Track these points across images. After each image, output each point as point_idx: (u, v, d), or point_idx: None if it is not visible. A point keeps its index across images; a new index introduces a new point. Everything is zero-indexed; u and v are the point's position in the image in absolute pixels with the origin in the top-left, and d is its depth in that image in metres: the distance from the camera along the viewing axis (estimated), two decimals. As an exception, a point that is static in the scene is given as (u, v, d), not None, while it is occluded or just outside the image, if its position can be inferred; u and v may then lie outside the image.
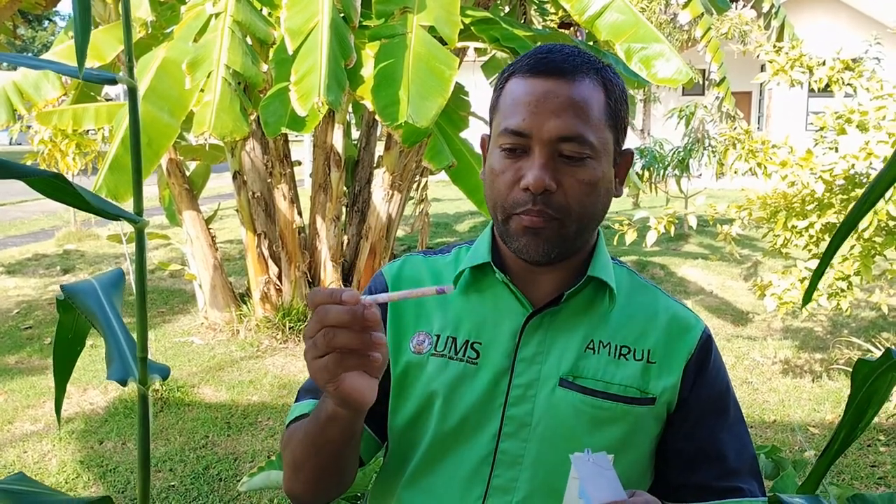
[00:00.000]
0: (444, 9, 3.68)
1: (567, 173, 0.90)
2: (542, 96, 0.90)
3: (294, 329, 5.28)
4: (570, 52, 0.93)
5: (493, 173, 0.94)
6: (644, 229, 4.53)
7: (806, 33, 6.32)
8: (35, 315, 6.14)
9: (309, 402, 1.01)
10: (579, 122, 0.89)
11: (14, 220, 12.02)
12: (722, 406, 1.01)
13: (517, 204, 0.91)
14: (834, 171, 3.88)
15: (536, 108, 0.89)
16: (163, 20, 4.38)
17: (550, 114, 0.89)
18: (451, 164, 3.81)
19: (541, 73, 0.91)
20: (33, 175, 0.75)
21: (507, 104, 0.93)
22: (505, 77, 0.96)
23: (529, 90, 0.91)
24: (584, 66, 0.92)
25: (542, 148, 0.89)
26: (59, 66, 0.85)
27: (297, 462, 0.94)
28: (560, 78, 0.90)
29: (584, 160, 0.90)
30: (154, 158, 3.85)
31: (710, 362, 1.00)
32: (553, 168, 0.89)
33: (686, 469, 0.99)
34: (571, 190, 0.90)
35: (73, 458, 3.56)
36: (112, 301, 1.02)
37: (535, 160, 0.89)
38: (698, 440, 0.98)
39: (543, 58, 0.92)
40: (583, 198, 0.91)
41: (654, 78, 4.04)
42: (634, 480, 0.97)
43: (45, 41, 36.27)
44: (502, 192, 0.92)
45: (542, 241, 0.91)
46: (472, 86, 5.48)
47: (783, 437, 3.74)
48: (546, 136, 0.89)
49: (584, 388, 0.95)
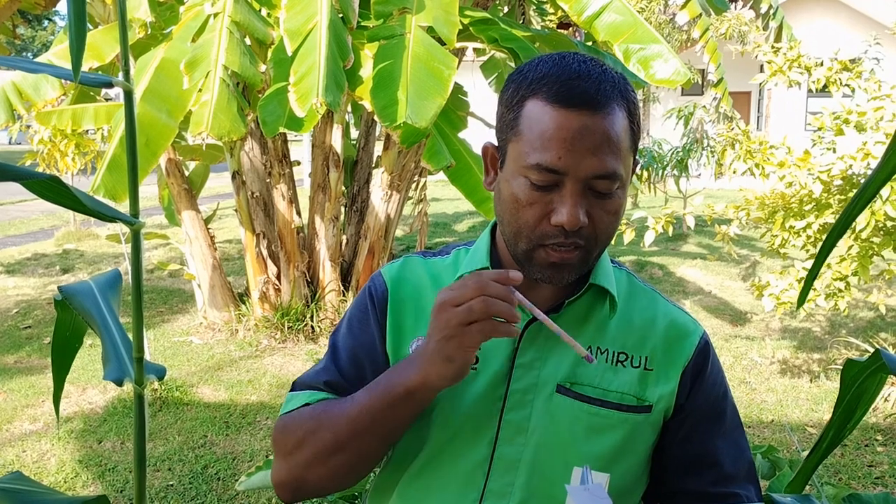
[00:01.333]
0: (442, 9, 3.68)
1: (597, 206, 0.89)
2: (578, 133, 0.86)
3: (293, 329, 5.28)
4: (600, 79, 0.88)
5: (517, 201, 0.90)
6: (642, 229, 4.54)
7: (804, 34, 6.33)
8: (34, 315, 6.14)
9: (311, 392, 0.99)
10: (613, 158, 0.87)
11: (13, 219, 12.02)
12: (719, 412, 1.01)
13: (546, 236, 0.89)
14: (832, 172, 3.89)
15: (573, 145, 0.86)
16: (162, 20, 4.38)
17: (587, 152, 0.86)
18: (450, 164, 3.81)
19: (573, 105, 0.86)
20: (29, 177, 0.75)
21: (535, 134, 0.88)
22: (523, 95, 0.90)
23: (563, 124, 0.86)
24: (613, 95, 0.88)
25: (577, 185, 0.87)
26: (56, 70, 0.85)
27: (337, 444, 0.91)
28: (594, 111, 0.86)
29: (614, 192, 0.90)
30: (152, 158, 3.86)
31: (707, 369, 1.00)
32: (585, 204, 0.88)
33: (683, 475, 0.99)
34: (601, 222, 0.90)
35: (71, 457, 3.56)
36: (109, 302, 1.03)
37: (568, 197, 0.87)
38: (695, 446, 0.99)
39: (575, 86, 0.87)
40: (609, 226, 0.91)
41: (653, 78, 4.04)
42: (629, 487, 0.98)
43: (45, 41, 36.24)
44: (530, 224, 0.90)
45: (566, 273, 0.92)
46: (470, 86, 5.49)
47: (780, 437, 3.74)
48: (583, 174, 0.87)
49: (582, 396, 0.95)
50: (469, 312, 0.81)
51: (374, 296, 1.03)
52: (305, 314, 5.33)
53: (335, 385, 0.99)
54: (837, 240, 0.64)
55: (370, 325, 1.01)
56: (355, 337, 1.02)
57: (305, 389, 1.01)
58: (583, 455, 0.94)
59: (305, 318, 5.32)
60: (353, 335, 1.02)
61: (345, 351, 1.02)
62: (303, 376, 1.04)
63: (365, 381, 0.96)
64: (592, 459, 0.94)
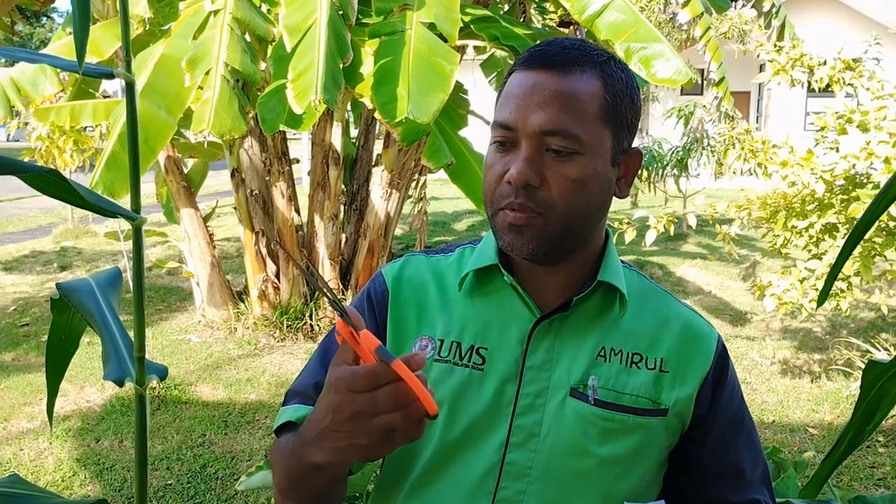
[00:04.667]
0: (443, 6, 3.67)
1: (553, 168, 0.87)
2: (530, 89, 0.87)
3: (291, 327, 5.27)
4: (569, 46, 0.90)
5: (485, 167, 0.92)
6: (643, 228, 4.52)
7: (805, 33, 6.30)
8: (32, 312, 6.12)
9: (297, 407, 0.96)
10: (565, 116, 0.86)
11: (11, 216, 11.98)
12: (740, 418, 0.99)
13: (502, 197, 0.89)
14: (835, 172, 3.87)
15: (523, 100, 0.87)
16: (161, 17, 4.36)
17: (535, 106, 0.87)
18: (450, 162, 3.79)
19: (534, 65, 0.89)
20: (28, 171, 0.73)
21: (502, 98, 0.91)
22: (509, 73, 0.94)
23: (521, 83, 0.89)
24: (580, 59, 0.88)
25: (528, 141, 0.87)
26: (58, 60, 0.84)
27: (281, 490, 0.88)
28: (551, 70, 0.88)
29: (572, 155, 0.86)
30: (150, 156, 3.84)
31: (727, 376, 0.98)
32: (539, 162, 0.87)
33: (706, 485, 0.98)
34: (557, 186, 0.87)
35: (69, 456, 3.54)
36: (109, 300, 1.01)
37: (521, 153, 0.87)
38: (719, 456, 0.97)
39: (539, 51, 0.90)
40: (569, 195, 0.87)
41: (654, 78, 4.02)
42: (643, 491, 0.95)
43: (43, 38, 36.15)
44: (490, 186, 0.91)
45: (527, 239, 0.88)
46: (471, 84, 5.47)
47: (782, 438, 3.73)
48: (530, 129, 0.86)
49: (595, 399, 0.92)
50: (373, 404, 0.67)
51: (374, 296, 1.00)
52: (304, 313, 5.32)
53: None
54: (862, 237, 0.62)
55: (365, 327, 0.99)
56: None
57: (295, 400, 0.98)
58: (598, 460, 0.91)
59: (304, 316, 5.30)
60: None
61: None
62: (294, 384, 1.01)
63: None
64: (607, 465, 0.91)
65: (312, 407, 0.94)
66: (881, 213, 0.62)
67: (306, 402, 0.96)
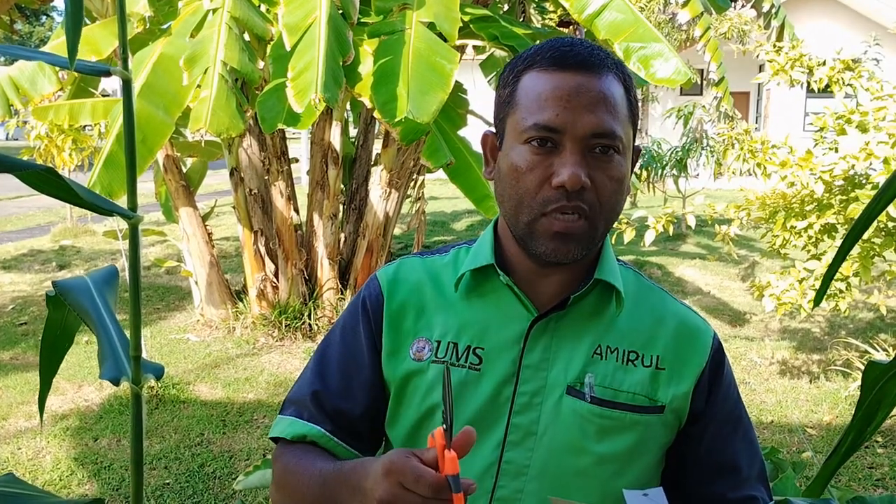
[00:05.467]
0: (443, 5, 3.66)
1: (598, 169, 0.87)
2: (574, 91, 0.86)
3: (290, 327, 5.26)
4: (592, 47, 0.90)
5: (516, 171, 0.88)
6: (642, 228, 4.52)
7: (805, 34, 6.31)
8: (30, 311, 6.11)
9: (292, 421, 0.98)
10: (611, 118, 0.87)
11: (10, 215, 11.97)
12: (737, 414, 1.00)
13: (548, 202, 0.87)
14: (834, 172, 3.87)
15: (569, 103, 0.86)
16: (160, 15, 4.35)
17: (583, 109, 0.86)
18: (449, 161, 3.79)
19: (569, 67, 0.87)
20: (24, 168, 0.73)
21: (531, 99, 0.88)
22: (519, 71, 0.91)
23: (559, 84, 0.87)
24: (607, 61, 0.89)
25: (576, 144, 0.86)
26: (54, 57, 0.83)
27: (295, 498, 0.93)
28: (589, 72, 0.87)
29: (613, 156, 0.88)
30: (148, 156, 3.83)
31: (723, 373, 0.99)
32: (586, 166, 0.87)
33: (704, 482, 0.98)
34: (602, 187, 0.87)
35: (67, 455, 3.53)
36: (105, 298, 1.00)
37: (568, 156, 0.86)
38: (717, 454, 0.97)
39: (568, 51, 0.88)
40: (612, 195, 0.88)
41: (653, 78, 4.02)
42: (640, 488, 0.95)
43: (43, 36, 36.11)
44: (531, 191, 0.88)
45: (572, 246, 0.88)
46: (470, 84, 5.46)
47: (780, 438, 3.73)
48: (581, 131, 0.86)
49: (592, 397, 0.92)
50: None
51: (368, 301, 1.01)
52: (303, 312, 5.31)
53: (321, 396, 0.98)
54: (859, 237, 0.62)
55: (360, 334, 0.99)
56: (346, 345, 1.00)
57: (291, 407, 1.00)
58: (595, 458, 0.91)
59: (303, 316, 5.30)
60: (345, 343, 1.01)
61: (334, 360, 1.01)
62: (291, 392, 1.02)
63: (351, 391, 0.96)
64: (605, 462, 0.92)
65: (308, 422, 0.96)
66: (879, 212, 0.62)
67: (302, 414, 0.98)
